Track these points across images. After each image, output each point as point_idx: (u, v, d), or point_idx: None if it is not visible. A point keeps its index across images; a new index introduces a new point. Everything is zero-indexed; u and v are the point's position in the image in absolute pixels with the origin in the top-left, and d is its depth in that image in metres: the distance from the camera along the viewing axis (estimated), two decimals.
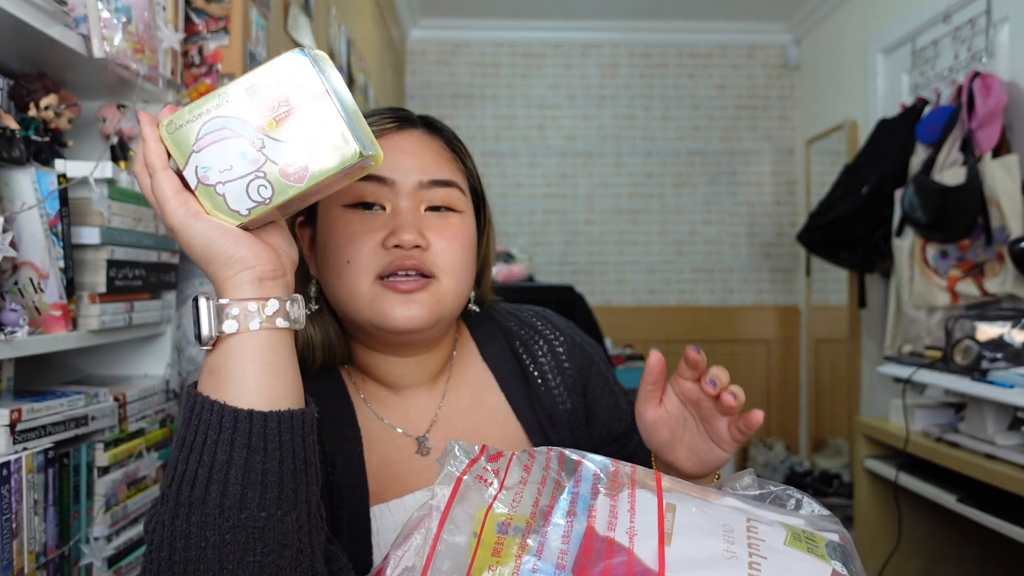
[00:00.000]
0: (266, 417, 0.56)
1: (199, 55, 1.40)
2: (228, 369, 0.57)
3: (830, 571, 0.55)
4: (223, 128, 0.54)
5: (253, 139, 0.54)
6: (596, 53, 4.20)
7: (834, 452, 3.77)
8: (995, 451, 1.80)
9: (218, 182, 0.55)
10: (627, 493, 0.59)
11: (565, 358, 0.91)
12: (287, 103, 0.54)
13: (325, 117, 0.54)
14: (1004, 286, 2.20)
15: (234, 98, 0.54)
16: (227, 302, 0.57)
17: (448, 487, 0.59)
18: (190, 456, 0.55)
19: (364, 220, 0.76)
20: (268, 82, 0.54)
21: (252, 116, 0.54)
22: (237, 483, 0.54)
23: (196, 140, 0.55)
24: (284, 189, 0.55)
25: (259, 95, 0.54)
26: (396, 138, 0.79)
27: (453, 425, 0.85)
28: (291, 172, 0.54)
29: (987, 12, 2.48)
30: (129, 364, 1.36)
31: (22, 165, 1.01)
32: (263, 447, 0.55)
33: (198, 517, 0.54)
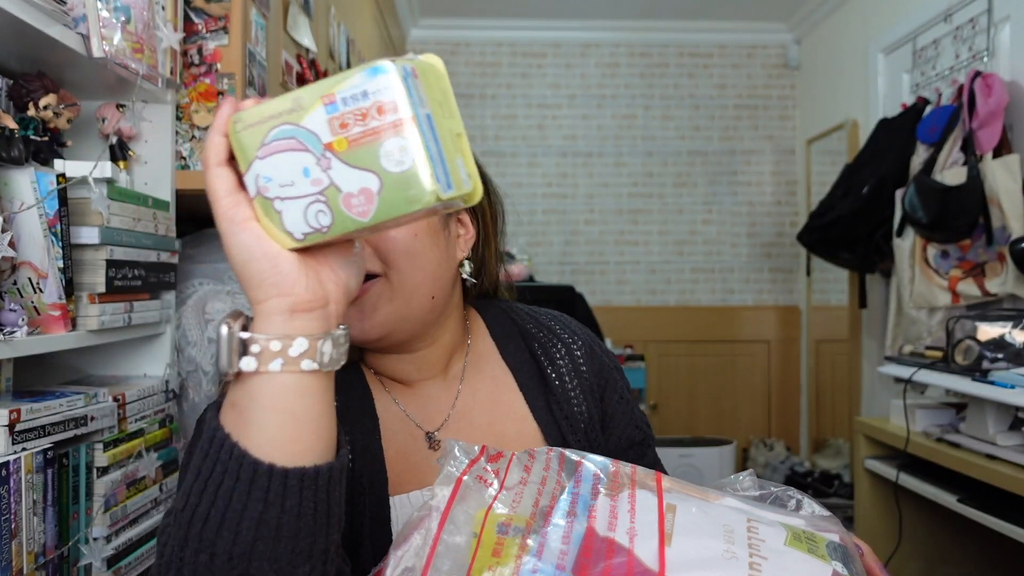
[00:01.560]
0: (286, 474, 0.51)
1: (198, 55, 1.40)
2: (249, 411, 0.52)
3: (830, 571, 0.55)
4: (291, 138, 0.47)
5: (320, 157, 0.47)
6: (596, 53, 4.20)
7: (834, 452, 3.76)
8: (996, 451, 1.80)
9: (277, 197, 0.49)
10: (627, 493, 0.59)
11: (583, 363, 0.89)
12: (364, 122, 0.46)
13: (406, 147, 0.45)
14: (1005, 286, 2.20)
15: (308, 104, 0.47)
16: (248, 336, 0.51)
17: (448, 487, 0.58)
18: (204, 493, 0.51)
19: None
20: (347, 93, 0.46)
21: (323, 130, 0.47)
22: (249, 534, 0.51)
23: (261, 145, 0.48)
24: (345, 221, 0.48)
25: (335, 107, 0.46)
26: None
27: (469, 420, 0.84)
28: (355, 204, 0.47)
29: (988, 11, 2.48)
30: (128, 364, 1.35)
31: (21, 165, 1.01)
32: (280, 503, 0.51)
33: (206, 557, 0.51)
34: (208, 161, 0.52)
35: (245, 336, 0.51)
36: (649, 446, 0.92)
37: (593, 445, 0.86)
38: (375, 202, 0.46)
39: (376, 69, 0.46)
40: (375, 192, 0.46)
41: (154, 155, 1.35)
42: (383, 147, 0.45)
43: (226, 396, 0.54)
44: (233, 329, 0.51)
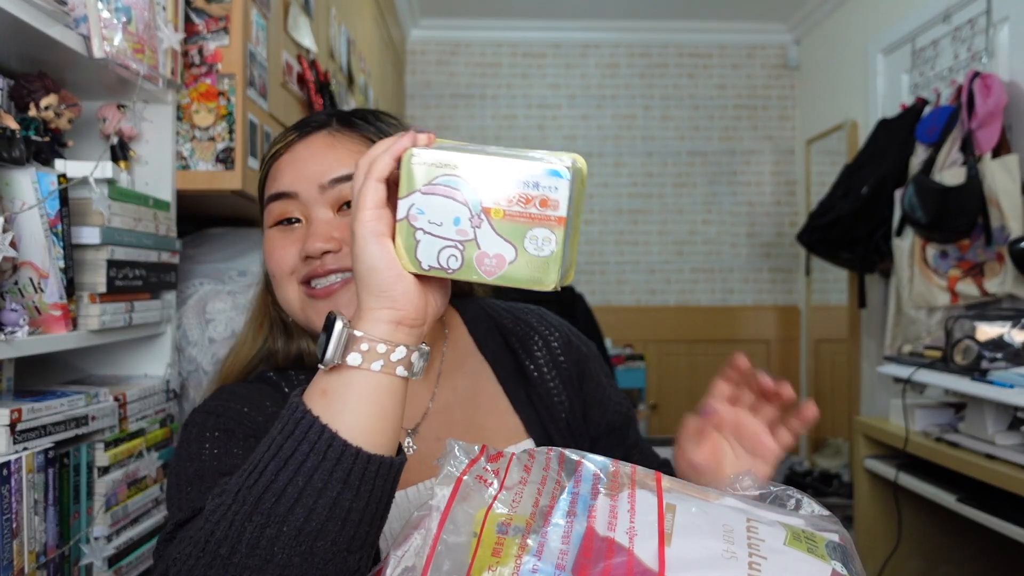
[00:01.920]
0: (369, 459, 0.55)
1: (199, 55, 1.40)
2: (343, 398, 0.56)
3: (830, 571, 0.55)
4: (456, 189, 0.54)
5: (474, 215, 0.54)
6: (596, 53, 4.20)
7: (834, 452, 3.77)
8: (995, 451, 1.80)
9: (421, 228, 0.55)
10: (627, 493, 0.59)
11: (561, 353, 0.91)
12: (524, 206, 0.54)
13: (548, 241, 0.54)
14: (1004, 286, 2.20)
15: (481, 168, 0.54)
16: (360, 335, 0.56)
17: (448, 487, 0.59)
18: (282, 470, 0.54)
19: (283, 235, 0.79)
20: (520, 175, 0.54)
21: (486, 195, 0.54)
22: (323, 512, 0.54)
23: (428, 183, 0.55)
24: (470, 272, 0.55)
25: (505, 181, 0.54)
26: (299, 147, 0.80)
27: (449, 414, 0.85)
28: (486, 263, 0.55)
29: (987, 12, 2.48)
30: (129, 364, 1.36)
31: (22, 165, 1.01)
32: (357, 487, 0.55)
33: (273, 531, 0.54)
34: (371, 174, 0.57)
35: (358, 334, 0.56)
36: (631, 427, 0.94)
37: (576, 435, 0.87)
38: (503, 268, 0.55)
39: (556, 172, 0.54)
40: (507, 261, 0.54)
41: (155, 155, 1.35)
42: (532, 231, 0.54)
43: (313, 383, 0.58)
44: (347, 325, 0.56)
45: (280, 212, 0.79)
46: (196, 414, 0.77)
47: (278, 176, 0.80)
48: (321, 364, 0.57)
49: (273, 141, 0.84)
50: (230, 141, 1.41)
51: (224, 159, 1.41)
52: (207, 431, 0.74)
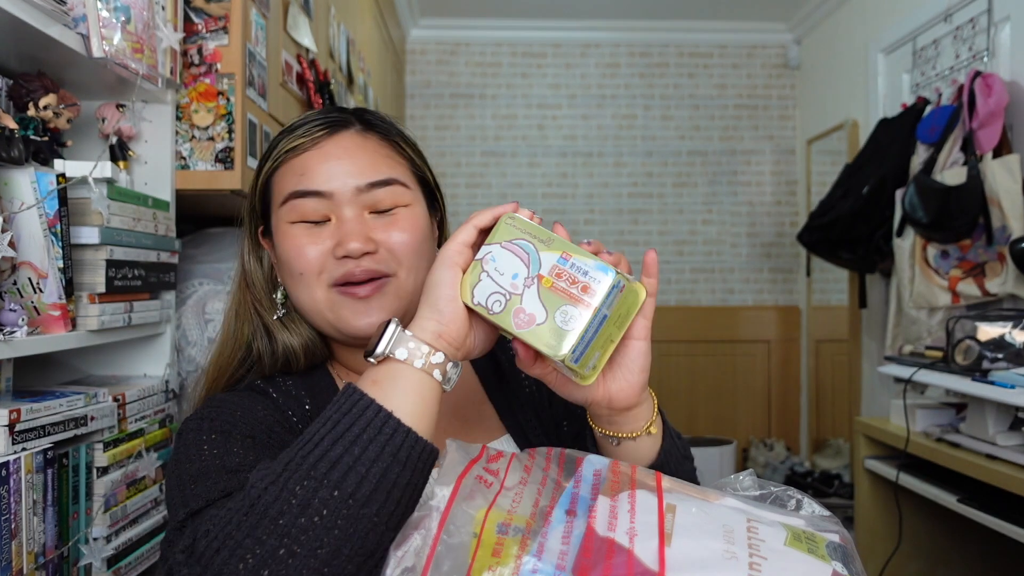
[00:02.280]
0: (417, 440, 0.61)
1: (198, 55, 1.40)
2: (394, 386, 0.62)
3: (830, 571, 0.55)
4: (527, 254, 0.66)
5: (529, 277, 0.65)
6: (596, 53, 4.20)
7: (835, 452, 3.76)
8: (996, 451, 1.80)
9: (487, 271, 0.66)
10: (627, 493, 0.59)
11: None
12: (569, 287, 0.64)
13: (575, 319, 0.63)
14: (1005, 286, 2.20)
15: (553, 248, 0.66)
16: (410, 335, 0.64)
17: (448, 487, 0.58)
18: (338, 442, 0.59)
19: (311, 232, 0.78)
20: (579, 264, 0.64)
21: (546, 266, 0.65)
22: (372, 482, 0.58)
23: (509, 241, 0.67)
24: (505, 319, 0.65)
25: (564, 262, 0.65)
26: (328, 144, 0.79)
27: None
28: (520, 317, 0.64)
29: (988, 11, 2.48)
30: (128, 364, 1.35)
31: (21, 165, 1.01)
32: (404, 462, 0.60)
33: (325, 493, 0.57)
34: (471, 220, 0.68)
35: (408, 334, 0.64)
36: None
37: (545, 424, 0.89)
38: (530, 327, 0.64)
39: (605, 268, 0.64)
40: (535, 322, 0.64)
41: (154, 155, 1.35)
42: (565, 306, 0.63)
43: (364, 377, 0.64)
44: (399, 325, 0.64)
45: (309, 210, 0.78)
46: (189, 422, 0.77)
47: (306, 173, 0.78)
48: (371, 357, 0.63)
49: (291, 133, 0.81)
50: (229, 141, 1.41)
51: (223, 159, 1.41)
52: (203, 434, 0.74)
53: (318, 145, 0.79)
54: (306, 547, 0.56)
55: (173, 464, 0.74)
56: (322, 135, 0.80)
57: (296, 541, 0.56)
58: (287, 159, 0.80)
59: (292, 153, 0.80)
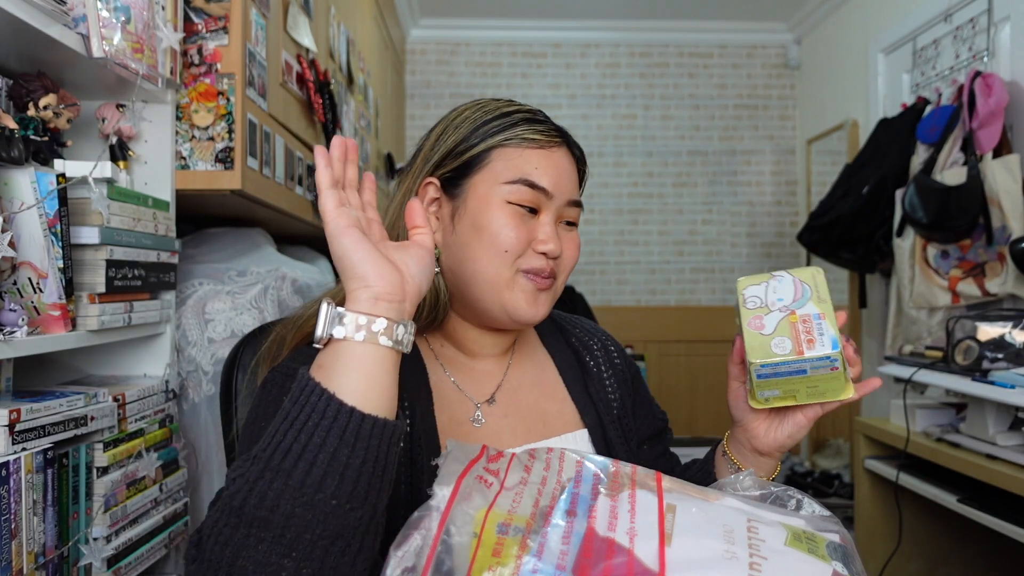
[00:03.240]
0: (363, 418, 0.61)
1: (198, 55, 1.40)
2: (335, 368, 0.62)
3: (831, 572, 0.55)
4: (802, 295, 0.79)
5: (787, 307, 0.78)
6: (596, 53, 4.20)
7: (835, 452, 3.76)
8: (996, 451, 1.80)
9: (768, 284, 0.81)
10: (627, 493, 0.59)
11: (616, 355, 1.02)
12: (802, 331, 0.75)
13: (782, 350, 0.74)
14: (1005, 286, 2.20)
15: (819, 305, 0.78)
16: (342, 312, 0.63)
17: (448, 487, 0.58)
18: (289, 430, 0.61)
19: (523, 218, 0.85)
20: (823, 326, 0.76)
21: (803, 311, 0.77)
22: (321, 467, 0.60)
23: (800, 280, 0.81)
24: (746, 314, 0.78)
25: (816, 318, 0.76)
26: (559, 153, 0.88)
27: (518, 393, 0.93)
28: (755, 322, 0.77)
29: (988, 11, 2.48)
30: (128, 364, 1.35)
31: (21, 165, 1.01)
32: (352, 443, 0.60)
33: (279, 484, 0.59)
34: (320, 186, 0.67)
35: (341, 311, 0.63)
36: (667, 435, 1.06)
37: (625, 429, 0.97)
38: (751, 330, 0.77)
39: (836, 343, 0.75)
40: (761, 331, 0.76)
41: (154, 155, 1.35)
42: (787, 339, 0.75)
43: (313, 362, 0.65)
44: (331, 305, 0.64)
45: (529, 198, 0.85)
46: (275, 374, 0.81)
47: (541, 169, 0.86)
48: (315, 343, 0.64)
49: (534, 123, 0.88)
50: (229, 141, 1.41)
51: (223, 159, 1.41)
52: (285, 394, 0.78)
53: (552, 148, 0.87)
54: (271, 534, 0.59)
55: (252, 416, 0.79)
56: (557, 142, 0.88)
57: (262, 529, 0.59)
58: (523, 145, 0.86)
59: (532, 143, 0.86)
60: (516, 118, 0.88)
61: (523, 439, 0.89)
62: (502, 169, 0.85)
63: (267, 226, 1.88)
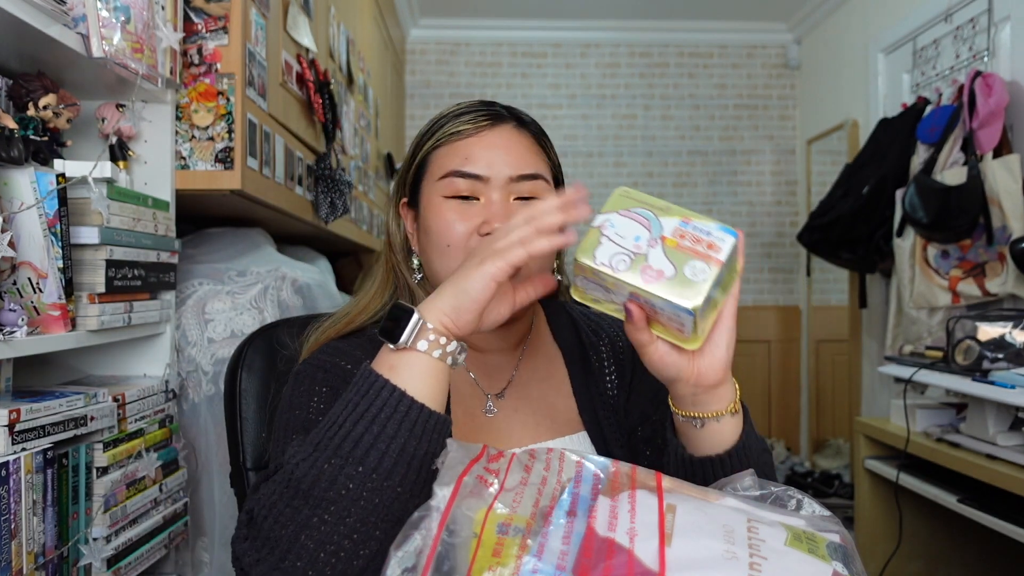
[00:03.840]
0: (431, 414, 0.67)
1: (198, 55, 1.40)
2: (409, 371, 0.67)
3: (831, 572, 0.55)
4: (647, 220, 0.69)
5: (653, 238, 0.68)
6: (596, 53, 4.20)
7: (835, 452, 3.76)
8: (996, 451, 1.80)
9: (607, 236, 0.68)
10: (627, 494, 0.59)
11: (623, 348, 0.99)
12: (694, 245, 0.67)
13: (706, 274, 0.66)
14: (1005, 286, 2.20)
15: (671, 213, 0.69)
16: (431, 327, 0.68)
17: (448, 487, 0.58)
18: (359, 422, 0.65)
19: (461, 209, 0.86)
20: (700, 225, 0.68)
21: (668, 229, 0.68)
22: (392, 456, 0.64)
23: (626, 210, 0.69)
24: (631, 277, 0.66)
25: (686, 225, 0.68)
26: (490, 135, 0.88)
27: (527, 388, 0.94)
28: (648, 273, 0.66)
29: (988, 11, 2.48)
30: (128, 364, 1.35)
31: (21, 165, 1.01)
32: (420, 435, 0.66)
33: (351, 469, 0.64)
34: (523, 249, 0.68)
35: (429, 326, 0.68)
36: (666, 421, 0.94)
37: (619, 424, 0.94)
38: (659, 281, 0.66)
39: (728, 229, 0.68)
40: (664, 277, 0.66)
41: (154, 155, 1.35)
42: (693, 261, 0.66)
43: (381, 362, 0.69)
44: (422, 318, 0.68)
45: (464, 188, 0.86)
46: (306, 366, 0.84)
47: (470, 156, 0.86)
48: (391, 345, 0.68)
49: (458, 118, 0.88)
50: (229, 141, 1.41)
51: (223, 159, 1.41)
52: (316, 384, 0.82)
53: (481, 133, 0.87)
54: (335, 515, 0.63)
55: (286, 404, 0.82)
56: (486, 124, 0.88)
57: (327, 511, 0.63)
58: (450, 140, 0.88)
59: (457, 136, 0.88)
60: (443, 120, 0.90)
61: (532, 433, 0.90)
62: (436, 170, 0.88)
63: (267, 226, 1.88)
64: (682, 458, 0.77)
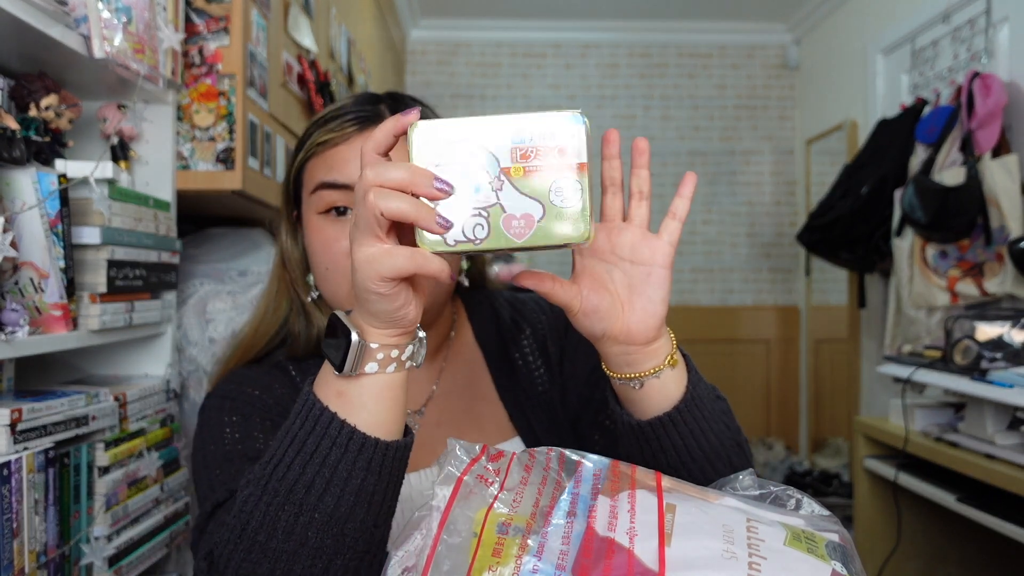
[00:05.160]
0: (387, 447, 0.60)
1: (199, 55, 1.41)
2: (360, 399, 0.59)
3: (830, 571, 0.55)
4: (472, 155, 0.51)
5: (494, 178, 0.51)
6: (596, 53, 4.20)
7: (834, 452, 3.77)
8: (994, 451, 1.81)
9: (443, 203, 0.51)
10: (627, 493, 0.59)
11: (547, 338, 0.92)
12: (544, 159, 0.52)
13: (575, 189, 0.52)
14: (1003, 286, 2.20)
15: (492, 130, 0.51)
16: (376, 346, 0.58)
17: (448, 487, 0.59)
18: (308, 464, 0.59)
19: (335, 226, 0.79)
20: (535, 130, 0.52)
21: (504, 156, 0.51)
22: (350, 497, 0.59)
23: (448, 158, 0.51)
24: (499, 238, 0.52)
25: (520, 139, 0.51)
26: (358, 140, 0.80)
27: (449, 401, 0.88)
28: (515, 226, 0.51)
29: (987, 12, 2.48)
30: (129, 364, 1.36)
31: (22, 165, 1.01)
32: (379, 471, 0.60)
33: (306, 518, 0.59)
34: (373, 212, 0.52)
35: (373, 346, 0.58)
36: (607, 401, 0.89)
37: (555, 420, 0.88)
38: (533, 228, 0.52)
39: (567, 116, 0.52)
40: (536, 220, 0.52)
41: (155, 155, 1.35)
42: (555, 183, 0.51)
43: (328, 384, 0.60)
44: (361, 339, 0.58)
45: (336, 199, 0.78)
46: (211, 399, 0.80)
47: (337, 166, 0.79)
48: (337, 372, 0.58)
49: (325, 125, 0.81)
50: (230, 141, 1.41)
51: (224, 159, 1.41)
52: (224, 415, 0.77)
53: (348, 140, 0.80)
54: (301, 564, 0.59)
55: (199, 442, 0.77)
56: (352, 131, 0.80)
57: (290, 562, 0.59)
58: (319, 151, 0.81)
59: (324, 146, 0.80)
60: (311, 128, 0.83)
61: None
62: (308, 184, 0.82)
63: (268, 226, 1.88)
64: (630, 426, 0.69)
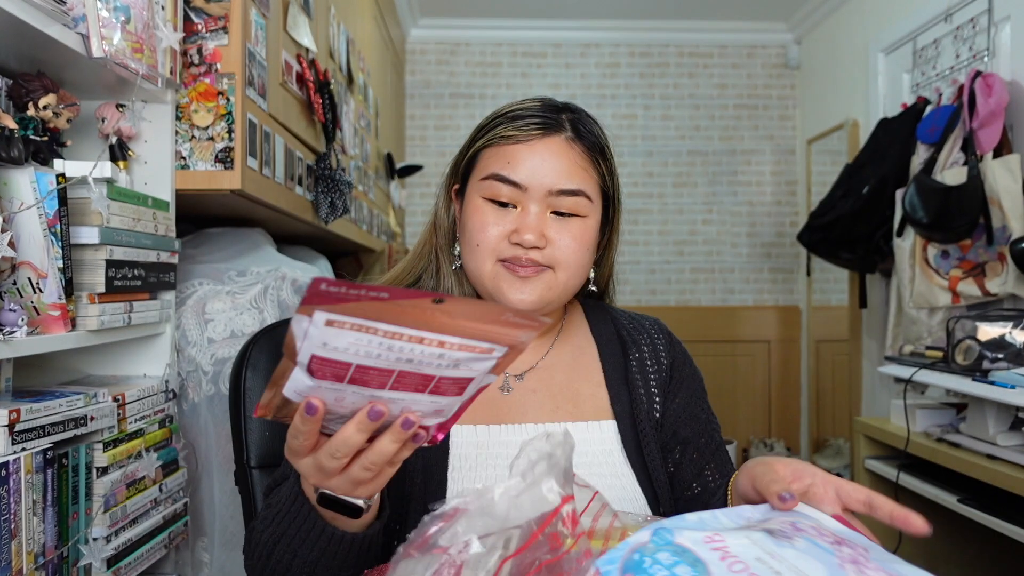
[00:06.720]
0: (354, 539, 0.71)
1: (198, 55, 1.40)
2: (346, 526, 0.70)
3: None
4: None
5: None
6: (596, 53, 4.20)
7: (835, 452, 3.76)
8: (996, 451, 1.80)
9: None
10: None
11: (664, 353, 1.00)
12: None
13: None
14: (1005, 286, 2.20)
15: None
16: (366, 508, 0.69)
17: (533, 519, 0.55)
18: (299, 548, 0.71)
19: (497, 213, 0.87)
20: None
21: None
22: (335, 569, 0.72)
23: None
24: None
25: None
26: (539, 144, 0.88)
27: (550, 374, 0.95)
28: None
29: (988, 11, 2.48)
30: (128, 364, 1.35)
31: (21, 165, 1.01)
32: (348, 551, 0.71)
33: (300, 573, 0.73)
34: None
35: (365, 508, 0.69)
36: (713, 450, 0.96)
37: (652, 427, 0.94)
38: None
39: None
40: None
41: (154, 155, 1.35)
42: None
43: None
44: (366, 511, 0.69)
45: (502, 193, 0.87)
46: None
47: (514, 163, 0.87)
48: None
49: (513, 121, 0.88)
50: (229, 141, 1.41)
51: (223, 159, 1.41)
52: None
53: (531, 142, 0.87)
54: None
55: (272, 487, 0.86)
56: (537, 134, 0.88)
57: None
58: (500, 143, 0.89)
59: (507, 140, 0.88)
60: (499, 120, 0.90)
61: (548, 416, 0.91)
62: (481, 169, 0.90)
63: (267, 226, 1.88)
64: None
